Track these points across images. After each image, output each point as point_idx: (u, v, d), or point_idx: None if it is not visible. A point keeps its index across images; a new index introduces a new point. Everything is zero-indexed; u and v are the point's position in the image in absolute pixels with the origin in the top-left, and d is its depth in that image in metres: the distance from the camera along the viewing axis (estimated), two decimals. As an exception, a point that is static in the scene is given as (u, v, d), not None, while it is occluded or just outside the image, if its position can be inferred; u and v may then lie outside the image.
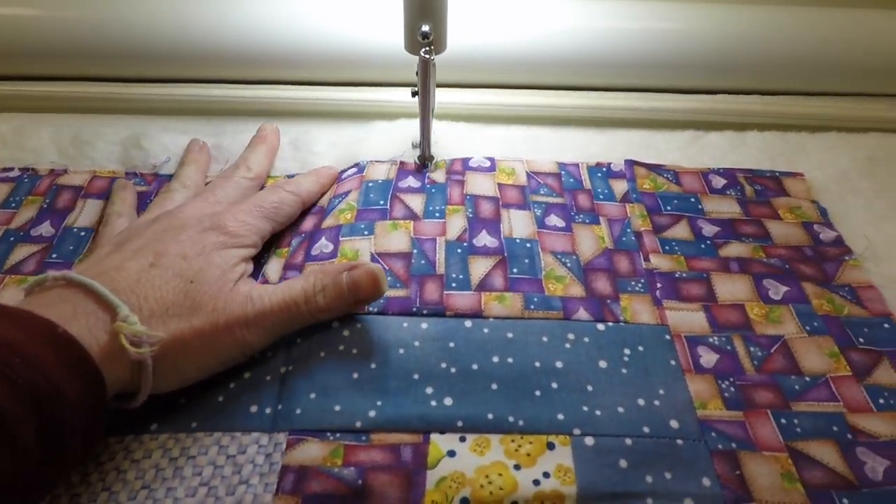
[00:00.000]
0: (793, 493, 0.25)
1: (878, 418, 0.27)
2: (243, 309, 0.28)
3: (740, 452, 0.26)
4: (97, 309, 0.25)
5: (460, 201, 0.37)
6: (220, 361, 0.28)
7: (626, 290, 0.33)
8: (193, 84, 0.46)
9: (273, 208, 0.34)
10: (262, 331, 0.28)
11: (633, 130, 0.44)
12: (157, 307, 0.26)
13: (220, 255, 0.29)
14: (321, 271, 0.30)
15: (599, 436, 0.27)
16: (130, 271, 0.27)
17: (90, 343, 0.24)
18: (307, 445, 0.26)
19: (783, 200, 0.38)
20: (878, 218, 0.38)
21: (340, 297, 0.29)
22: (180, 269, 0.28)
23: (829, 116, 0.44)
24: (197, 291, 0.27)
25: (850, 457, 0.26)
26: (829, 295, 0.33)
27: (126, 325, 0.24)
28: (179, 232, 0.30)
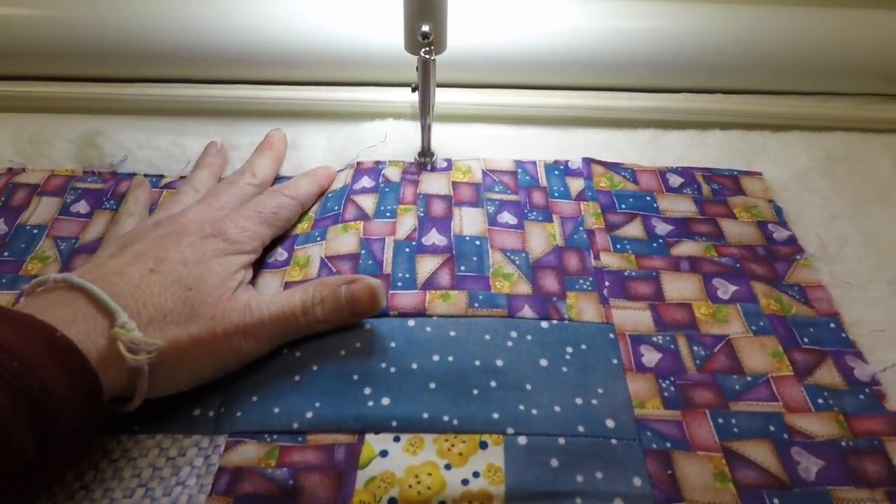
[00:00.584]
0: (724, 493, 0.25)
1: (816, 418, 0.27)
2: (241, 318, 0.28)
3: (674, 452, 0.26)
4: (96, 314, 0.25)
5: (412, 200, 0.37)
6: (216, 369, 0.28)
7: (574, 288, 0.33)
8: (152, 84, 0.46)
9: (272, 213, 0.34)
10: (260, 340, 0.28)
11: (592, 129, 0.44)
12: (155, 313, 0.26)
13: (220, 263, 0.29)
14: (320, 283, 0.30)
15: (532, 435, 0.26)
16: (131, 276, 0.27)
17: (88, 348, 0.24)
18: (244, 447, 0.27)
19: (739, 199, 0.38)
20: (833, 217, 0.37)
21: (338, 309, 0.29)
22: (180, 276, 0.28)
23: (792, 115, 0.44)
24: (196, 299, 0.27)
25: (784, 457, 0.26)
26: (778, 294, 0.32)
27: (124, 332, 0.25)
28: (181, 238, 0.30)
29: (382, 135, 0.42)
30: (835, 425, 0.27)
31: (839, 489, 0.25)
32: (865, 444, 0.26)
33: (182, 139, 0.43)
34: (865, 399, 0.28)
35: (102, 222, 0.38)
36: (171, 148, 0.43)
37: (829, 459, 0.26)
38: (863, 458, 0.26)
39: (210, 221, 0.31)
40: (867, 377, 0.29)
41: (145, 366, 0.25)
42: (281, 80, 0.46)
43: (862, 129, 0.45)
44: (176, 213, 0.32)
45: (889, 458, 0.26)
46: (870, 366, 0.29)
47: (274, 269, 0.34)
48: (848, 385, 0.29)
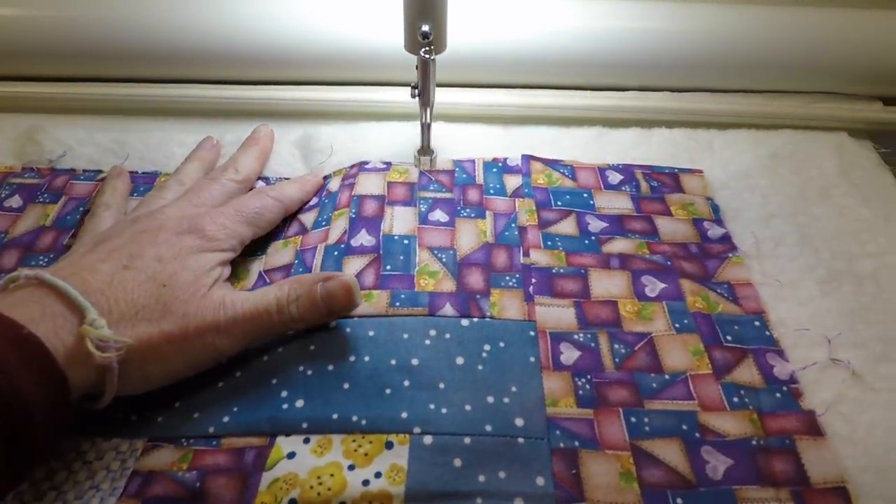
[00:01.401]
0: (628, 492, 0.24)
1: (730, 417, 0.27)
2: (215, 315, 0.27)
3: (581, 451, 0.26)
4: (65, 310, 0.25)
5: (346, 203, 0.37)
6: (189, 366, 0.27)
7: (500, 284, 0.32)
8: (94, 83, 0.45)
9: (255, 214, 0.33)
10: (233, 337, 0.28)
11: (536, 126, 0.44)
12: (127, 310, 0.26)
13: (196, 259, 0.29)
14: (296, 281, 0.29)
15: (438, 434, 0.26)
16: (103, 273, 0.27)
17: (56, 345, 0.23)
18: (160, 451, 0.27)
19: (677, 197, 0.38)
20: (771, 216, 0.37)
21: (314, 307, 0.29)
22: (154, 272, 0.27)
23: (740, 113, 0.44)
24: (169, 295, 0.27)
25: (693, 456, 0.25)
26: (705, 292, 0.32)
27: (92, 329, 0.24)
28: (157, 234, 0.29)
29: (329, 148, 0.42)
30: (748, 424, 0.26)
31: (744, 488, 0.24)
32: (777, 442, 0.26)
33: (123, 136, 0.43)
34: (782, 397, 0.28)
35: (34, 216, 0.37)
36: (111, 144, 0.42)
37: (738, 458, 0.25)
38: (772, 456, 0.25)
39: (188, 218, 0.31)
40: (786, 375, 0.28)
41: (114, 363, 0.25)
42: (263, 80, 0.46)
43: (811, 128, 0.44)
44: (155, 208, 0.32)
45: (799, 456, 0.25)
46: (789, 364, 0.29)
47: None
48: (766, 383, 0.28)
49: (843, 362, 0.29)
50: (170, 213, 0.31)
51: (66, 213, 0.38)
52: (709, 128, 0.44)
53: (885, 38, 0.44)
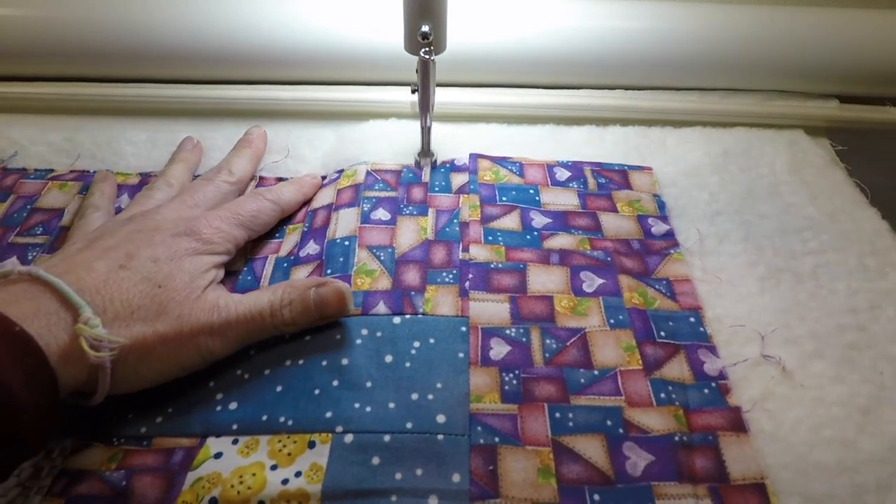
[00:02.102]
0: (544, 488, 0.24)
1: (656, 413, 0.26)
2: (209, 317, 0.27)
3: (501, 447, 0.25)
4: (60, 308, 0.24)
5: (301, 219, 0.37)
6: (181, 367, 0.27)
7: (436, 281, 0.32)
8: (45, 83, 0.45)
9: (251, 216, 0.33)
10: (226, 340, 0.28)
11: (491, 124, 0.44)
12: (122, 310, 0.26)
13: (191, 261, 0.29)
14: (289, 285, 0.29)
15: (359, 433, 0.26)
16: (99, 271, 0.26)
17: (49, 342, 0.23)
18: (91, 451, 0.26)
19: (624, 194, 0.38)
20: (716, 213, 0.37)
21: (307, 312, 0.29)
22: (149, 273, 0.27)
23: (693, 111, 0.44)
24: (164, 296, 0.27)
25: (615, 452, 0.25)
26: (643, 288, 0.32)
27: (87, 328, 0.24)
28: (153, 234, 0.29)
29: (285, 150, 0.42)
30: (672, 420, 0.26)
31: (663, 484, 0.24)
32: (700, 439, 0.26)
33: (75, 135, 0.43)
34: (710, 393, 0.27)
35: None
36: (64, 144, 0.42)
37: (659, 455, 0.25)
38: (694, 453, 0.25)
39: (184, 220, 0.31)
40: (715, 372, 0.28)
41: (108, 363, 0.24)
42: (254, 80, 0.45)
43: (765, 125, 0.44)
44: (150, 209, 0.32)
45: (721, 453, 0.25)
46: (720, 360, 0.29)
47: None
48: (695, 379, 0.28)
49: (773, 359, 0.29)
50: (165, 214, 0.31)
51: (13, 212, 0.37)
52: (664, 125, 0.44)
53: (841, 37, 0.44)
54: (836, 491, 0.24)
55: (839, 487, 0.24)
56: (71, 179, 0.39)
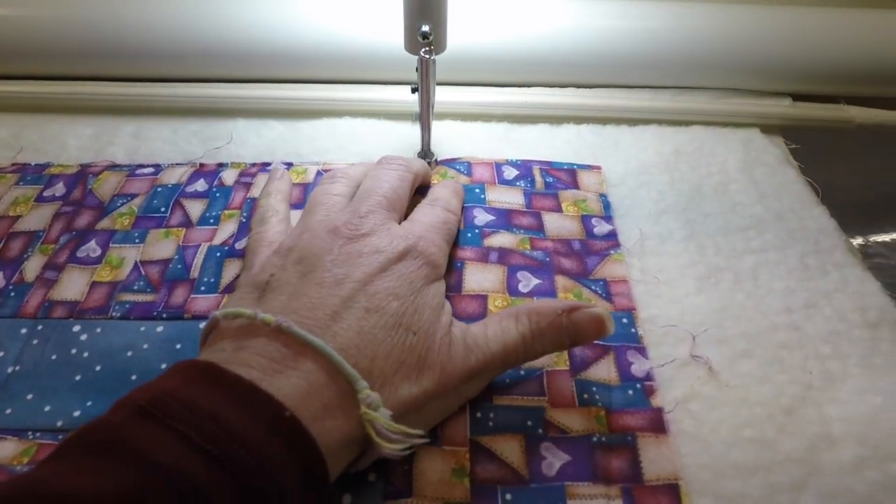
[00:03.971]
0: (457, 487, 0.24)
1: (577, 413, 0.26)
2: (466, 363, 0.24)
3: (419, 447, 0.25)
4: (330, 382, 0.21)
5: (239, 205, 0.36)
6: (441, 416, 0.25)
7: None
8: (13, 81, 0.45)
9: (446, 228, 0.30)
10: (483, 381, 0.26)
11: (444, 121, 0.43)
12: (388, 371, 0.22)
13: (430, 294, 0.25)
14: (536, 312, 0.26)
15: None
16: (348, 321, 0.22)
17: (328, 428, 0.20)
18: (4, 444, 0.26)
19: (570, 193, 0.37)
20: (661, 212, 0.37)
21: (559, 342, 0.26)
22: (397, 315, 0.23)
23: (646, 109, 0.44)
24: (421, 346, 0.23)
25: (532, 452, 0.25)
26: (579, 289, 0.32)
27: (376, 415, 0.21)
28: (376, 259, 0.25)
29: (228, 135, 0.42)
30: (593, 421, 0.26)
31: (575, 485, 0.24)
32: (618, 439, 0.26)
33: (21, 131, 0.43)
34: (634, 394, 0.27)
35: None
36: (10, 139, 0.42)
37: (576, 455, 0.25)
38: (611, 453, 0.25)
39: (398, 236, 0.26)
40: (642, 373, 0.28)
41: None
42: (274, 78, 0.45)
43: (721, 124, 0.44)
44: (348, 219, 0.27)
45: (638, 454, 0.25)
46: (648, 361, 0.29)
47: (83, 266, 0.33)
48: (621, 380, 0.28)
49: (701, 359, 0.29)
50: (373, 230, 0.26)
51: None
52: (618, 124, 0.44)
53: (795, 35, 0.44)
54: (749, 490, 0.24)
55: (753, 487, 0.24)
56: (10, 172, 0.39)
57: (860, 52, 0.44)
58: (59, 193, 0.38)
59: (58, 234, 0.35)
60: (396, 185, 0.30)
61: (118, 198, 0.37)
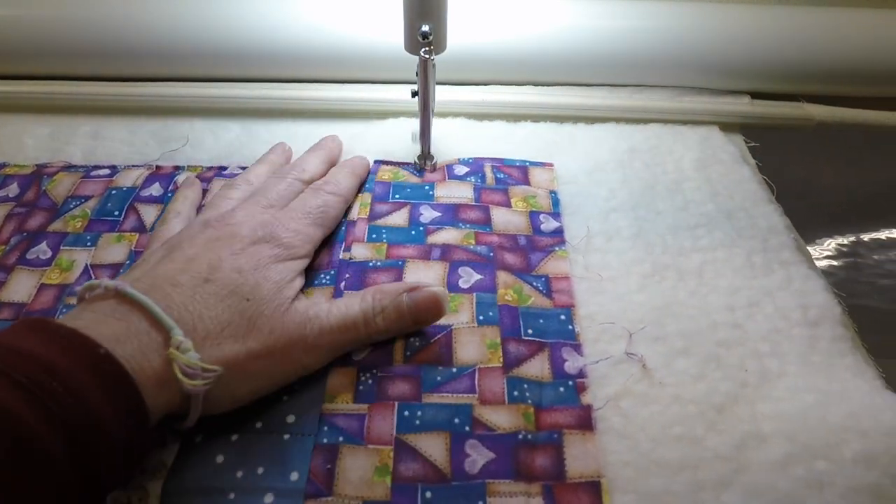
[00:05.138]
0: (378, 486, 0.24)
1: (505, 410, 0.26)
2: (301, 331, 0.26)
3: (343, 446, 0.25)
4: (150, 329, 0.23)
5: None
6: (274, 384, 0.26)
7: (314, 283, 0.32)
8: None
9: (320, 213, 0.32)
10: (320, 352, 0.27)
11: (399, 119, 0.43)
12: (212, 327, 0.25)
13: (276, 270, 0.28)
14: (379, 291, 0.28)
15: (209, 432, 0.26)
16: (185, 286, 0.25)
17: (142, 366, 0.22)
18: None
19: (521, 189, 0.37)
20: (612, 209, 0.37)
21: (400, 319, 0.28)
22: (236, 285, 0.26)
23: (603, 107, 0.43)
24: (253, 310, 0.26)
25: (456, 450, 0.25)
26: (520, 285, 0.32)
27: (180, 355, 0.23)
28: (232, 242, 0.28)
29: (185, 137, 0.42)
30: (521, 418, 0.26)
31: (497, 482, 0.24)
32: (545, 437, 0.25)
33: None
34: (565, 391, 0.27)
35: None
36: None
37: (500, 453, 0.25)
38: (536, 451, 0.25)
39: (261, 224, 0.29)
40: (575, 370, 0.28)
41: (201, 389, 0.23)
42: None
43: (680, 122, 0.44)
44: (225, 212, 0.30)
45: (563, 451, 0.25)
46: (582, 358, 0.28)
47: (32, 268, 0.33)
48: (553, 377, 0.28)
49: (636, 356, 0.29)
50: (241, 218, 0.30)
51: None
52: (575, 122, 0.44)
53: (754, 33, 0.44)
54: (673, 488, 0.24)
55: (677, 484, 0.24)
56: None
57: (820, 50, 0.44)
58: (13, 194, 0.38)
59: (9, 235, 0.35)
60: (282, 190, 0.33)
61: (71, 199, 0.37)
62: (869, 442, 0.25)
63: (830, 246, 0.55)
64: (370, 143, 0.41)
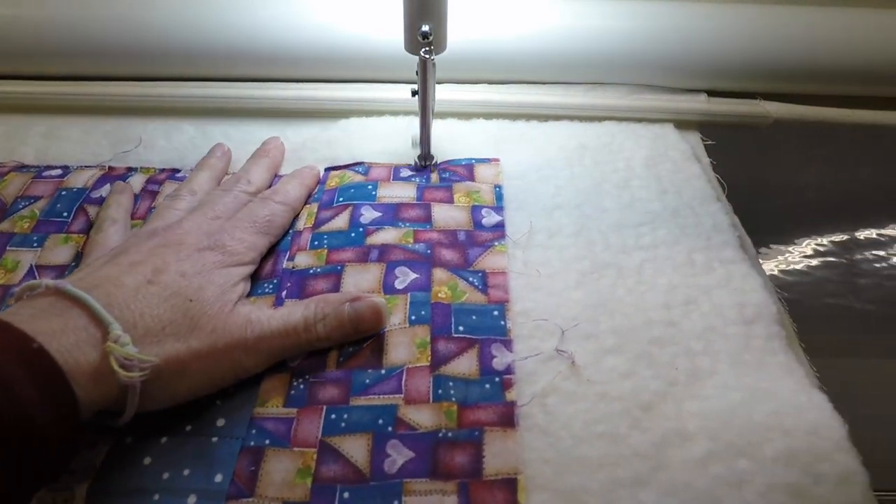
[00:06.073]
0: (299, 487, 0.24)
1: (429, 409, 0.26)
2: (242, 332, 0.27)
3: (269, 449, 0.25)
4: (88, 324, 0.24)
5: (143, 215, 0.36)
6: (214, 384, 0.27)
7: (257, 292, 0.32)
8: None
9: (266, 222, 0.33)
10: (260, 355, 0.27)
11: (351, 119, 0.43)
12: (153, 325, 0.25)
13: (220, 274, 0.28)
14: (323, 300, 0.29)
15: (139, 434, 0.26)
16: (127, 286, 0.25)
17: (78, 360, 0.22)
18: None
19: (464, 185, 0.37)
20: (556, 206, 0.37)
21: (341, 327, 0.28)
22: (179, 287, 0.26)
23: (556, 105, 0.43)
24: (196, 311, 0.26)
25: (377, 450, 0.25)
26: (455, 282, 0.31)
27: (117, 347, 0.23)
28: (178, 249, 0.28)
29: (138, 138, 0.42)
30: (443, 416, 0.26)
31: (413, 481, 0.24)
32: (466, 435, 0.25)
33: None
34: (490, 388, 0.27)
35: None
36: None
37: (420, 451, 0.25)
38: (456, 449, 0.25)
39: (207, 234, 0.30)
40: (503, 366, 0.28)
41: (138, 382, 0.24)
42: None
43: (635, 120, 0.44)
44: (172, 222, 0.31)
45: (482, 449, 0.25)
46: (512, 354, 0.28)
47: None
48: (481, 374, 0.28)
49: (565, 353, 0.29)
50: (188, 228, 0.30)
51: None
52: (529, 119, 0.44)
53: (711, 32, 0.44)
54: (590, 486, 0.24)
55: (595, 482, 0.24)
56: None
57: (777, 48, 0.44)
58: None
59: None
60: (228, 203, 0.33)
61: (21, 200, 0.37)
62: (791, 440, 0.25)
63: (809, 246, 0.55)
64: (326, 144, 0.41)
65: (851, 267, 0.54)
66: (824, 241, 0.54)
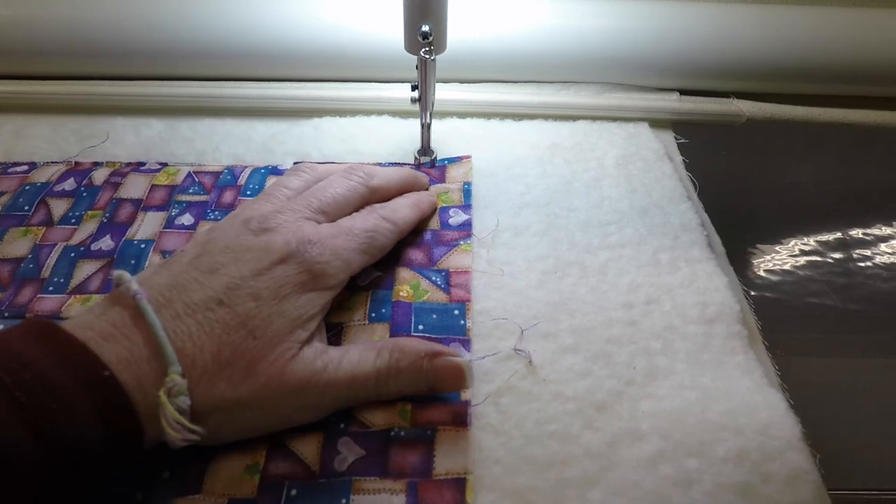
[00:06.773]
0: (246, 483, 0.24)
1: (382, 408, 0.26)
2: (300, 386, 0.24)
3: (221, 447, 0.25)
4: (151, 357, 0.22)
5: (104, 206, 0.36)
6: (257, 430, 0.25)
7: None
8: None
9: (367, 238, 0.29)
10: (318, 410, 0.25)
11: (324, 118, 0.43)
12: (210, 365, 0.23)
13: (296, 303, 0.25)
14: (399, 349, 0.26)
15: None
16: (196, 307, 0.24)
17: (138, 398, 0.21)
18: None
19: (435, 188, 0.37)
20: (525, 205, 0.37)
21: (416, 386, 0.26)
22: (246, 315, 0.24)
23: (530, 104, 0.43)
24: (255, 353, 0.23)
25: (328, 448, 0.25)
26: (418, 280, 0.31)
27: (169, 407, 0.22)
28: (261, 258, 0.25)
29: (105, 134, 0.42)
30: (396, 415, 0.26)
31: (363, 479, 0.24)
32: (418, 434, 0.25)
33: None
34: (446, 388, 0.27)
35: None
36: None
37: (371, 450, 0.25)
38: (408, 448, 0.25)
39: (298, 238, 0.26)
40: (460, 366, 0.28)
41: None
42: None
43: (609, 118, 0.44)
44: (268, 212, 0.27)
45: (433, 448, 0.25)
46: (469, 354, 0.28)
47: None
48: (437, 374, 0.28)
49: (523, 353, 0.29)
50: (280, 223, 0.27)
51: None
52: (502, 118, 0.43)
53: (684, 31, 0.44)
54: (539, 485, 0.24)
55: (544, 481, 0.24)
56: None
57: (750, 48, 0.44)
58: None
59: None
60: (340, 193, 0.30)
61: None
62: (742, 440, 0.25)
63: (794, 245, 0.55)
64: (297, 140, 0.41)
65: (835, 266, 0.54)
66: (810, 241, 0.54)
